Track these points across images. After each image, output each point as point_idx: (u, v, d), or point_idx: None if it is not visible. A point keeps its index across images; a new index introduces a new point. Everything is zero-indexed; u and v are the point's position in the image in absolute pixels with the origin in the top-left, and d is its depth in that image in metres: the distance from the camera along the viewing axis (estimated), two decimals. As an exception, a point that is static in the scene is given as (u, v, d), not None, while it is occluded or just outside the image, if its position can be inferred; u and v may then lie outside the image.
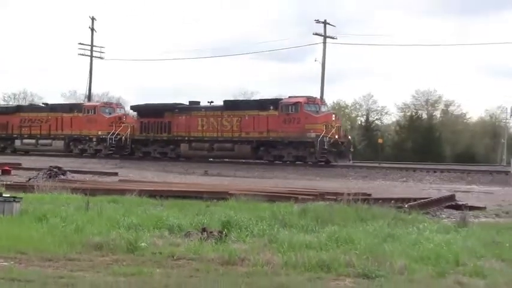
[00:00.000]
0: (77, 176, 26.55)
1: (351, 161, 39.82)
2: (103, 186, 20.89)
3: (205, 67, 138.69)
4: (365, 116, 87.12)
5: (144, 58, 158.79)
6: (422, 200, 16.45)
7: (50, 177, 23.87)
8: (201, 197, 17.21)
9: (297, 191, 18.86)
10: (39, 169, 26.90)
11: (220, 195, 17.30)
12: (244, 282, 7.41)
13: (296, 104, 38.45)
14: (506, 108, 75.91)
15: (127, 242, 9.78)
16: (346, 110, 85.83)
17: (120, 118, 47.06)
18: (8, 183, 20.52)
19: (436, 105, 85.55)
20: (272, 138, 39.10)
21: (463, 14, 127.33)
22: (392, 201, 15.68)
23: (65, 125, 48.64)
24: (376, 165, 36.94)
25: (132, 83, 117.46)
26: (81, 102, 49.71)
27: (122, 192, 17.64)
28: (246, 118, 40.36)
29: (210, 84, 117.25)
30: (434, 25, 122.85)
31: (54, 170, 25.98)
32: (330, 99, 70.35)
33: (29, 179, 23.29)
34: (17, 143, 51.09)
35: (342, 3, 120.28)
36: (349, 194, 15.21)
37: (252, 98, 63.16)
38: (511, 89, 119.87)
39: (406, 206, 15.06)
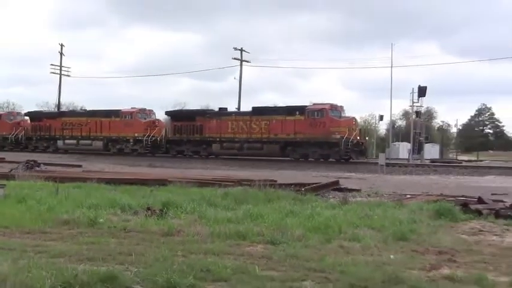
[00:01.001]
0: (49, 168, 25.71)
1: (367, 159, 37.94)
2: (69, 175, 20.32)
3: (148, 82, 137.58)
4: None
5: (100, 76, 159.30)
6: (314, 185, 16.72)
7: (27, 168, 23.12)
8: (147, 183, 17.00)
9: (220, 178, 18.90)
10: (19, 162, 26.00)
11: (161, 182, 17.12)
12: (180, 249, 7.40)
13: (322, 110, 35.92)
14: (375, 115, 78.43)
15: (88, 218, 9.63)
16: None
17: (153, 122, 43.76)
18: (-6, 173, 19.84)
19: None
20: (299, 139, 36.19)
21: (340, 45, 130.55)
22: (292, 186, 15.79)
23: (103, 128, 44.82)
24: (281, 159, 37.20)
25: (92, 95, 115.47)
26: (119, 109, 45.29)
27: (84, 180, 17.24)
28: (274, 122, 37.28)
29: (151, 96, 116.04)
30: (322, 52, 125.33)
31: (31, 162, 25.20)
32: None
33: (11, 170, 22.49)
34: (59, 143, 47.07)
35: (255, 36, 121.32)
36: (259, 181, 15.34)
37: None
38: (378, 101, 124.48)
39: (302, 189, 15.26)
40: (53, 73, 65.80)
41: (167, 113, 45.38)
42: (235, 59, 58.19)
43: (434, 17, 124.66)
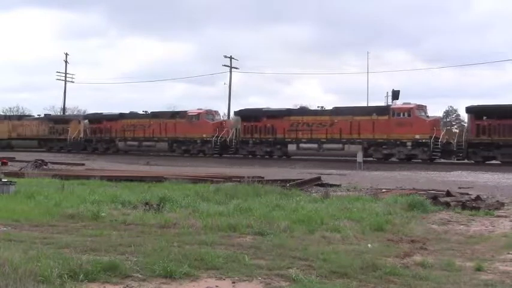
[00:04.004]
0: (55, 166, 25.61)
1: None
2: (74, 173, 20.24)
3: (145, 87, 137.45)
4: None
5: (101, 82, 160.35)
6: (298, 181, 16.80)
7: (36, 167, 23.05)
8: (144, 180, 16.96)
9: (212, 175, 18.89)
10: (28, 161, 25.92)
11: (158, 179, 17.09)
12: (176, 240, 7.39)
13: None
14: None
15: (92, 212, 9.61)
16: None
17: (437, 121, 33.32)
18: (6, 171, 19.74)
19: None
20: None
21: (317, 52, 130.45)
22: (279, 181, 15.88)
23: (362, 128, 32.74)
24: (267, 157, 36.96)
25: (93, 99, 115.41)
26: (388, 105, 33.42)
27: (88, 177, 17.16)
28: None
29: (147, 100, 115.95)
30: (302, 59, 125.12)
31: (39, 161, 25.12)
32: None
33: (21, 168, 22.50)
34: (291, 147, 35.23)
35: (243, 44, 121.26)
36: (248, 177, 15.35)
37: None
38: (355, 104, 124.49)
39: (288, 184, 15.35)
40: (59, 79, 65.75)
41: (468, 108, 31.46)
42: (225, 65, 58.18)
43: (404, 27, 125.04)
